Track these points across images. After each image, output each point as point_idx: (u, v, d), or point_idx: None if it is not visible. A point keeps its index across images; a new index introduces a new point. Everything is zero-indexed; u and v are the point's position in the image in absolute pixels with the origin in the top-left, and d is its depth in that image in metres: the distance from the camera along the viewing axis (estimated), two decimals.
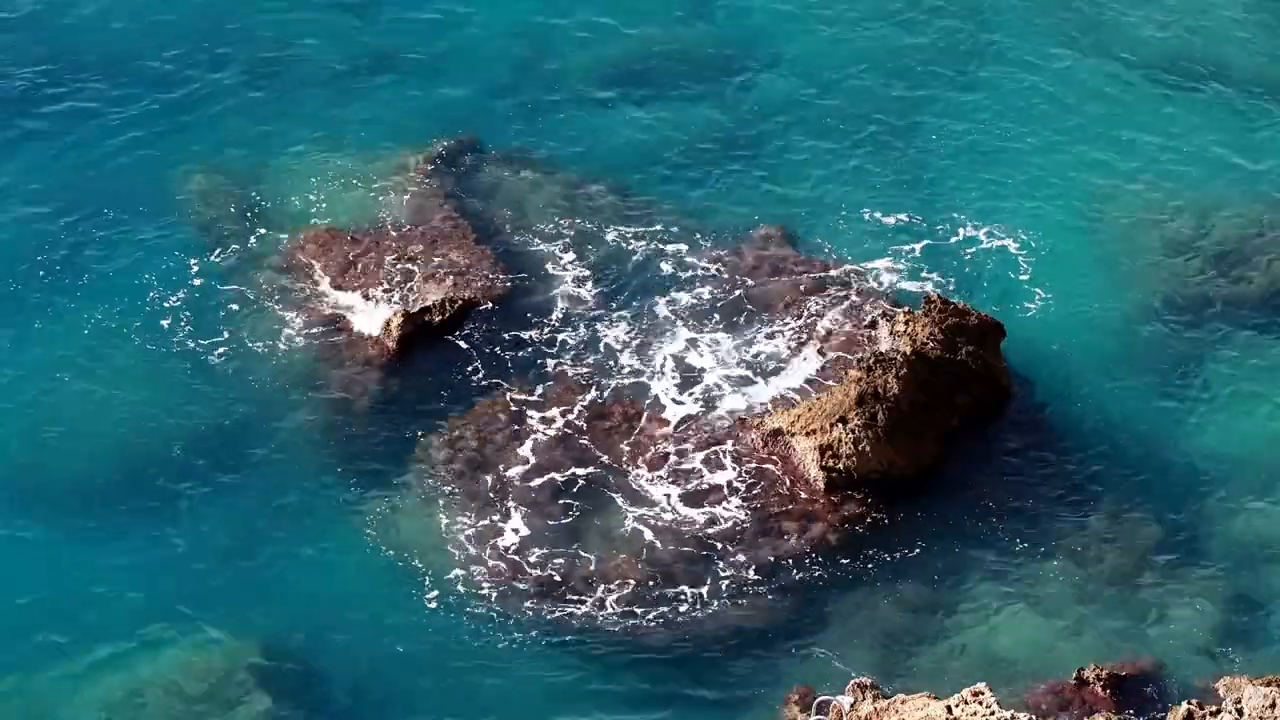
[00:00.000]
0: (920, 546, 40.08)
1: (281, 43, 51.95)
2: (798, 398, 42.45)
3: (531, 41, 52.21)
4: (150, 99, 49.91)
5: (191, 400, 42.47)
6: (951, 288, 44.92)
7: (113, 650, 37.75)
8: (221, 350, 43.46)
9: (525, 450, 41.63)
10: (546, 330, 44.23)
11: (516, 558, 39.65)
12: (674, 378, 43.16)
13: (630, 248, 46.09)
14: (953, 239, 46.47)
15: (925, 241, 46.38)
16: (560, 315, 44.56)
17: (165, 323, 43.98)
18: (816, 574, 39.58)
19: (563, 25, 52.70)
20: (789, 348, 43.73)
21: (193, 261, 45.50)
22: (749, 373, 43.25)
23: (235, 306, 44.48)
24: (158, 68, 50.88)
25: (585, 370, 43.33)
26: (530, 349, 43.81)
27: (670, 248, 46.10)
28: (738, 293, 44.93)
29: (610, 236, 46.35)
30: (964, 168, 48.44)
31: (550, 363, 43.53)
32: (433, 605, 38.81)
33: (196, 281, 44.98)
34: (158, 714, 36.82)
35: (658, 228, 46.58)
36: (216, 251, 45.79)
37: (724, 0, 53.51)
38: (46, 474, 40.99)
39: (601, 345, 43.89)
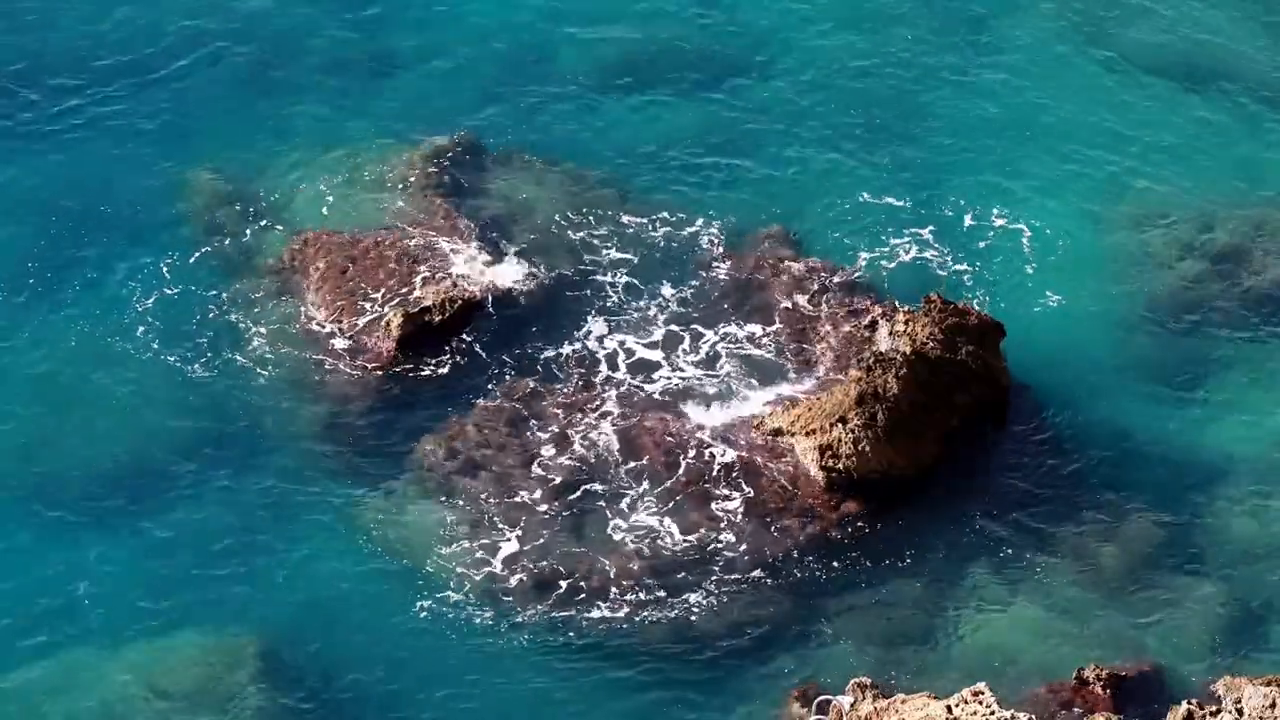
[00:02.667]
0: (920, 546, 40.08)
1: (279, 42, 51.86)
2: (798, 397, 42.43)
3: (531, 40, 52.15)
4: (147, 100, 49.77)
5: (188, 402, 42.43)
6: (951, 287, 44.88)
7: (108, 653, 37.72)
8: (219, 351, 43.42)
9: (524, 451, 41.61)
10: (546, 330, 44.20)
11: (515, 558, 39.64)
12: (673, 377, 43.14)
13: (631, 247, 46.05)
14: (953, 239, 46.46)
15: (926, 242, 46.36)
16: (560, 314, 44.53)
17: (162, 324, 43.94)
18: (816, 574, 39.58)
19: (563, 23, 52.61)
20: (789, 347, 43.71)
21: (190, 262, 45.43)
22: (749, 372, 43.23)
23: (233, 307, 44.44)
24: (154, 68, 50.73)
25: (585, 370, 43.31)
26: (530, 349, 43.78)
27: (671, 247, 46.06)
28: (738, 292, 44.91)
29: (610, 235, 46.32)
30: (966, 169, 48.39)
31: (550, 362, 43.50)
32: (431, 606, 38.79)
33: (193, 282, 44.92)
34: (154, 715, 36.80)
35: (658, 226, 46.55)
36: (214, 252, 45.74)
37: None
38: (42, 477, 40.93)
39: (601, 345, 43.86)
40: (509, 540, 39.92)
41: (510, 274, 45.26)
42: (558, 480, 41.07)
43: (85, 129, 48.99)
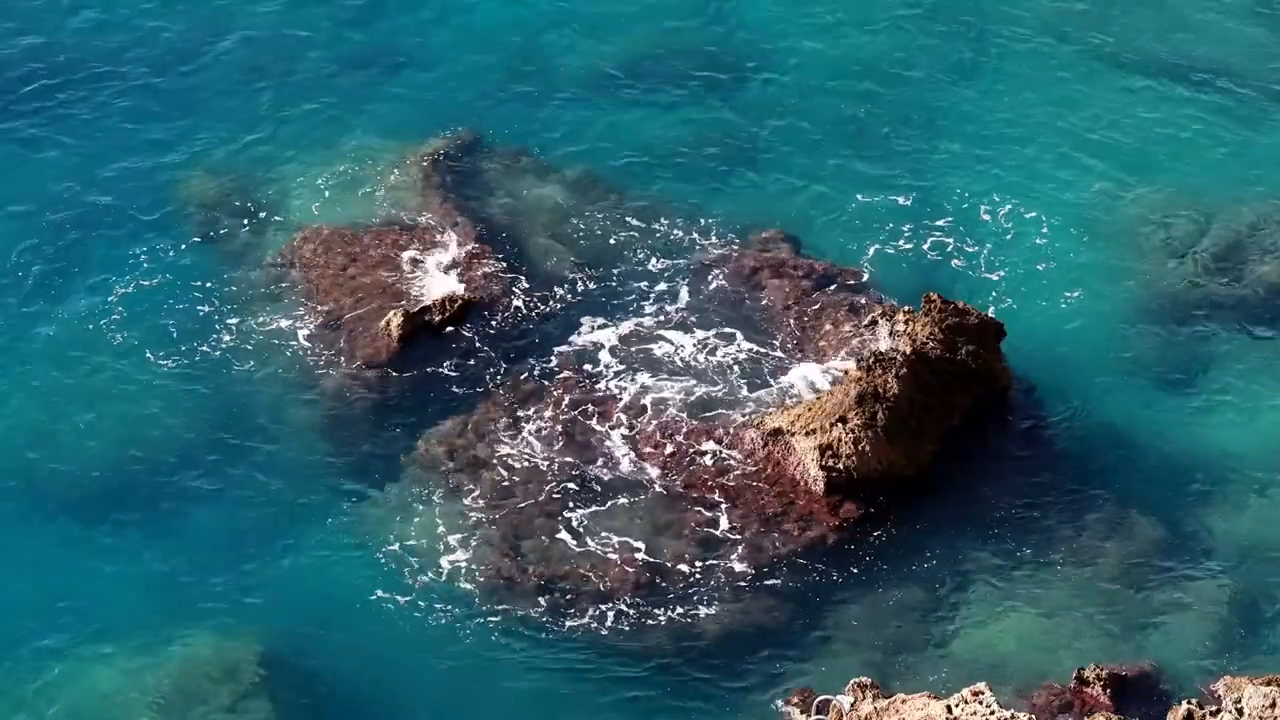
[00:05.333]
0: (920, 546, 40.07)
1: (280, 41, 51.93)
2: (798, 397, 42.43)
3: (532, 39, 52.20)
4: (147, 99, 49.88)
5: (188, 401, 42.43)
6: (950, 287, 44.86)
7: (108, 653, 37.70)
8: (219, 351, 43.42)
9: (524, 451, 41.61)
10: (546, 330, 44.21)
11: (514, 559, 39.64)
12: (673, 378, 43.13)
13: (630, 247, 46.06)
14: (951, 239, 46.46)
15: (924, 242, 46.39)
16: (560, 315, 44.54)
17: (162, 323, 43.96)
18: (816, 574, 39.57)
19: (563, 23, 52.69)
20: (790, 347, 43.71)
21: (190, 261, 45.49)
22: (749, 372, 43.23)
23: (233, 306, 44.45)
24: (155, 68, 50.82)
25: (584, 370, 43.31)
26: (530, 348, 43.78)
27: (671, 247, 46.07)
28: (738, 293, 44.91)
29: (610, 236, 46.33)
30: (963, 169, 48.43)
31: (549, 363, 43.50)
32: (429, 607, 38.76)
33: (191, 279, 44.96)
34: (154, 714, 36.78)
35: (658, 227, 46.56)
36: (215, 251, 45.79)
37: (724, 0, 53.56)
38: (40, 478, 40.90)
39: (601, 345, 43.86)
40: (509, 541, 39.90)
41: (510, 273, 45.25)
42: (556, 479, 41.06)
43: (85, 126, 49.07)
